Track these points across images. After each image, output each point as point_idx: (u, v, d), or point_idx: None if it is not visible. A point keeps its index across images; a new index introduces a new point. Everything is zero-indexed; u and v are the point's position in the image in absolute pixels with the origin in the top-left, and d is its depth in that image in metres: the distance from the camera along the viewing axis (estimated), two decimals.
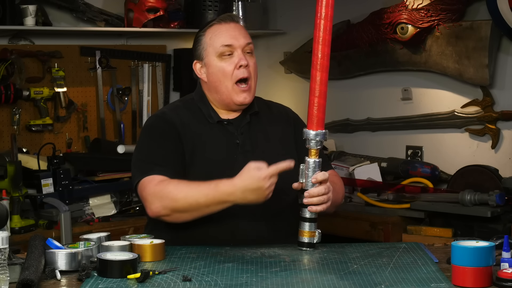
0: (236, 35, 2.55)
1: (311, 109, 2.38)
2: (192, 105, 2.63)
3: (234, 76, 2.54)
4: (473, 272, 1.97)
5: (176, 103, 2.73)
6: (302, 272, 2.16)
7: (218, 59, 2.55)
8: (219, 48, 2.54)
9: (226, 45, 2.54)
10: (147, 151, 2.55)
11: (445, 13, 4.29)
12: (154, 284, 2.04)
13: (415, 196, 4.13)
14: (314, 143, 2.38)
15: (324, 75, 2.38)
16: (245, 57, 2.55)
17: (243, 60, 2.54)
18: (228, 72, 2.54)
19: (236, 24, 2.59)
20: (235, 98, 2.56)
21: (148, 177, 2.46)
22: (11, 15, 4.02)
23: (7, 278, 1.95)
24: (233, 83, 2.54)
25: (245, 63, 2.54)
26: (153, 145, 2.54)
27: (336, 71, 4.77)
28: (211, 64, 2.56)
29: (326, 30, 2.36)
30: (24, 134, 4.23)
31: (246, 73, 2.54)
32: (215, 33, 2.56)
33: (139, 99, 4.75)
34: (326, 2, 2.35)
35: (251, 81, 2.57)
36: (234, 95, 2.55)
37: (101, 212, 4.01)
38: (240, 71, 2.54)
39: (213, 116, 2.60)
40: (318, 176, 2.37)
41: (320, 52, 2.37)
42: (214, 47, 2.55)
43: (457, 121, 4.39)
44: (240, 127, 2.61)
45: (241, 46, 2.55)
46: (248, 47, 2.57)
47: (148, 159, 2.52)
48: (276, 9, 5.16)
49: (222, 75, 2.55)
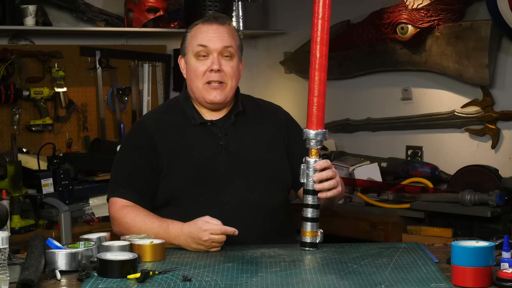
0: (213, 38, 2.55)
1: (310, 109, 2.38)
2: (176, 107, 2.65)
3: (205, 77, 2.56)
4: (473, 272, 1.97)
5: (159, 107, 2.76)
6: (302, 272, 2.16)
7: (195, 59, 2.57)
8: (196, 47, 2.56)
9: (201, 45, 2.55)
10: (119, 165, 2.63)
11: (445, 13, 4.29)
12: (154, 284, 2.04)
13: (415, 196, 4.13)
14: (315, 142, 2.38)
15: (322, 75, 2.38)
16: (220, 61, 2.54)
17: (215, 64, 2.54)
18: (200, 72, 2.56)
19: (218, 26, 2.57)
20: (206, 96, 2.57)
21: (112, 199, 2.57)
22: (11, 15, 4.02)
23: (7, 278, 1.95)
24: (204, 83, 2.56)
25: (216, 68, 2.54)
26: (125, 160, 2.62)
27: (336, 71, 4.77)
28: (188, 62, 2.60)
29: (323, 30, 2.36)
30: (24, 134, 4.23)
31: (216, 77, 2.54)
32: (195, 32, 2.59)
33: (139, 99, 4.75)
34: (323, 2, 2.35)
35: (226, 83, 2.56)
36: (205, 93, 2.56)
37: (101, 212, 4.00)
38: (211, 74, 2.55)
39: (196, 118, 2.60)
40: (322, 163, 2.35)
41: (318, 52, 2.37)
42: (192, 46, 2.58)
43: (457, 121, 4.39)
44: (224, 128, 2.60)
45: (217, 49, 2.54)
46: (226, 51, 2.55)
47: (117, 176, 2.61)
48: (276, 9, 5.17)
49: (195, 75, 2.57)
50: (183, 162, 2.54)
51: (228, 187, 2.54)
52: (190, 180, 2.53)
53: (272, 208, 2.57)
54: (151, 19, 4.49)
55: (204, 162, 2.54)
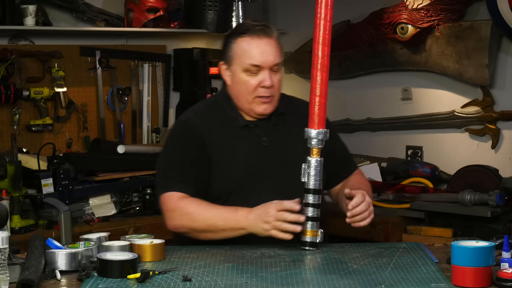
0: (265, 55, 2.53)
1: (312, 108, 2.39)
2: (218, 107, 2.64)
3: (256, 92, 2.55)
4: (473, 272, 1.98)
5: (201, 107, 2.70)
6: (302, 272, 2.16)
7: (244, 73, 2.55)
8: (247, 65, 2.53)
9: (254, 64, 2.53)
10: (169, 163, 2.59)
11: (445, 13, 4.29)
12: (154, 284, 2.04)
13: (415, 196, 4.13)
14: (316, 142, 2.39)
15: (324, 75, 2.39)
16: (270, 76, 2.54)
17: (267, 81, 2.54)
18: (251, 87, 2.54)
19: (268, 40, 2.56)
20: (255, 109, 2.57)
21: (168, 193, 2.52)
22: (11, 15, 4.02)
23: (7, 278, 1.95)
24: (254, 97, 2.55)
25: (268, 84, 2.54)
26: (175, 157, 2.58)
27: (336, 71, 4.77)
28: (236, 75, 2.57)
29: (325, 30, 2.37)
30: (24, 134, 4.23)
31: (268, 93, 2.55)
32: (245, 48, 2.54)
33: (139, 99, 4.75)
34: (326, 2, 2.36)
35: (275, 95, 2.58)
36: (255, 106, 2.57)
37: (101, 212, 4.00)
38: (262, 90, 2.54)
39: (239, 120, 2.61)
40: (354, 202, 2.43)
41: (320, 52, 2.38)
42: (241, 61, 2.54)
43: (457, 121, 4.39)
44: (266, 129, 2.61)
45: (268, 66, 2.54)
46: (275, 67, 2.56)
47: (168, 173, 2.57)
48: (276, 9, 5.16)
49: (245, 89, 2.55)
50: (230, 163, 2.56)
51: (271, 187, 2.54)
52: (237, 180, 2.55)
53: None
54: (151, 19, 4.48)
55: (250, 163, 2.57)
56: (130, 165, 4.24)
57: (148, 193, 4.18)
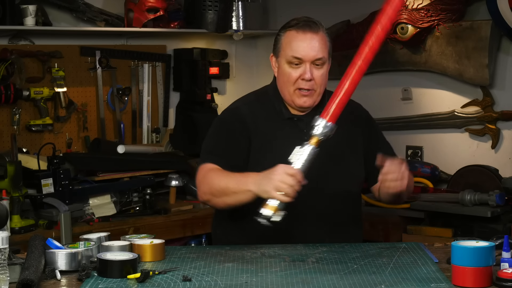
0: (307, 48, 2.60)
1: (332, 100, 2.41)
2: (266, 99, 2.73)
3: (296, 84, 2.62)
4: (473, 272, 1.98)
5: (250, 97, 2.80)
6: (302, 272, 2.16)
7: (287, 65, 2.63)
8: (289, 57, 2.62)
9: (295, 57, 2.61)
10: (212, 142, 2.69)
11: (445, 13, 4.29)
12: (154, 284, 2.04)
13: (415, 196, 4.13)
14: (320, 132, 2.38)
15: (357, 77, 2.47)
16: (312, 70, 2.61)
17: (307, 74, 2.60)
18: (292, 79, 2.62)
19: (312, 35, 2.62)
20: (296, 101, 2.64)
21: (202, 165, 2.61)
22: (11, 15, 4.02)
23: (7, 278, 1.95)
24: (295, 89, 2.63)
25: (308, 77, 2.60)
26: (218, 139, 2.69)
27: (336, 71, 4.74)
28: (281, 66, 2.66)
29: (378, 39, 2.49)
30: (24, 134, 4.23)
31: (307, 86, 2.61)
32: (290, 40, 2.62)
33: (139, 99, 4.75)
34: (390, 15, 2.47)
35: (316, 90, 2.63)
36: (295, 98, 2.64)
37: (101, 212, 4.00)
38: (302, 82, 2.61)
39: (284, 113, 2.68)
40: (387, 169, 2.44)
41: (364, 56, 2.48)
42: (285, 53, 2.63)
43: (457, 121, 4.39)
44: (309, 124, 2.62)
45: (309, 60, 2.61)
46: (317, 61, 2.62)
47: (209, 149, 2.67)
48: (276, 9, 5.16)
49: (287, 80, 2.64)
50: (271, 153, 2.62)
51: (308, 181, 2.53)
52: None
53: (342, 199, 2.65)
54: (151, 19, 4.48)
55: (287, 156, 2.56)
56: (130, 165, 4.24)
57: (148, 193, 4.18)
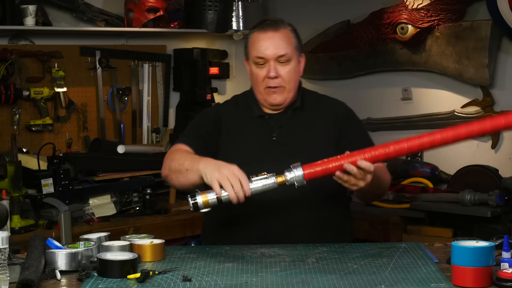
0: (268, 47, 2.67)
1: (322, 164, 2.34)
2: (243, 100, 2.82)
3: (264, 83, 2.70)
4: (473, 272, 1.98)
5: (235, 97, 2.91)
6: (302, 272, 2.16)
7: (254, 66, 2.71)
8: (254, 57, 2.70)
9: (258, 56, 2.68)
10: (188, 128, 2.81)
11: (445, 13, 4.29)
12: (154, 284, 2.04)
13: (415, 196, 4.13)
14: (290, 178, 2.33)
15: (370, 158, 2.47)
16: (276, 67, 2.66)
17: (272, 72, 2.67)
18: (260, 78, 2.70)
19: (273, 33, 2.68)
20: (267, 99, 2.71)
21: (175, 144, 2.71)
22: (11, 15, 4.02)
23: (7, 278, 1.95)
24: (264, 87, 2.69)
25: (273, 75, 2.67)
26: (193, 125, 2.81)
27: (336, 71, 4.76)
28: (251, 68, 2.74)
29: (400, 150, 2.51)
30: (24, 134, 4.23)
31: (274, 83, 2.68)
32: (254, 41, 2.71)
33: (139, 99, 4.75)
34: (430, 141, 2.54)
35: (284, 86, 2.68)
36: (266, 97, 2.71)
37: (101, 212, 4.00)
38: (269, 81, 2.68)
39: (255, 111, 2.75)
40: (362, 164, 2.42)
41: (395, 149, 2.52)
42: (251, 55, 2.71)
43: (457, 121, 4.39)
44: (279, 121, 2.73)
45: (272, 58, 2.67)
46: (281, 58, 2.67)
47: (184, 133, 2.79)
48: (276, 9, 5.16)
49: (256, 80, 2.72)
50: (237, 150, 2.67)
51: None
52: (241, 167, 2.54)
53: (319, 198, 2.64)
54: (151, 19, 4.48)
55: (255, 152, 2.69)
56: (130, 165, 4.24)
57: (148, 193, 4.17)
